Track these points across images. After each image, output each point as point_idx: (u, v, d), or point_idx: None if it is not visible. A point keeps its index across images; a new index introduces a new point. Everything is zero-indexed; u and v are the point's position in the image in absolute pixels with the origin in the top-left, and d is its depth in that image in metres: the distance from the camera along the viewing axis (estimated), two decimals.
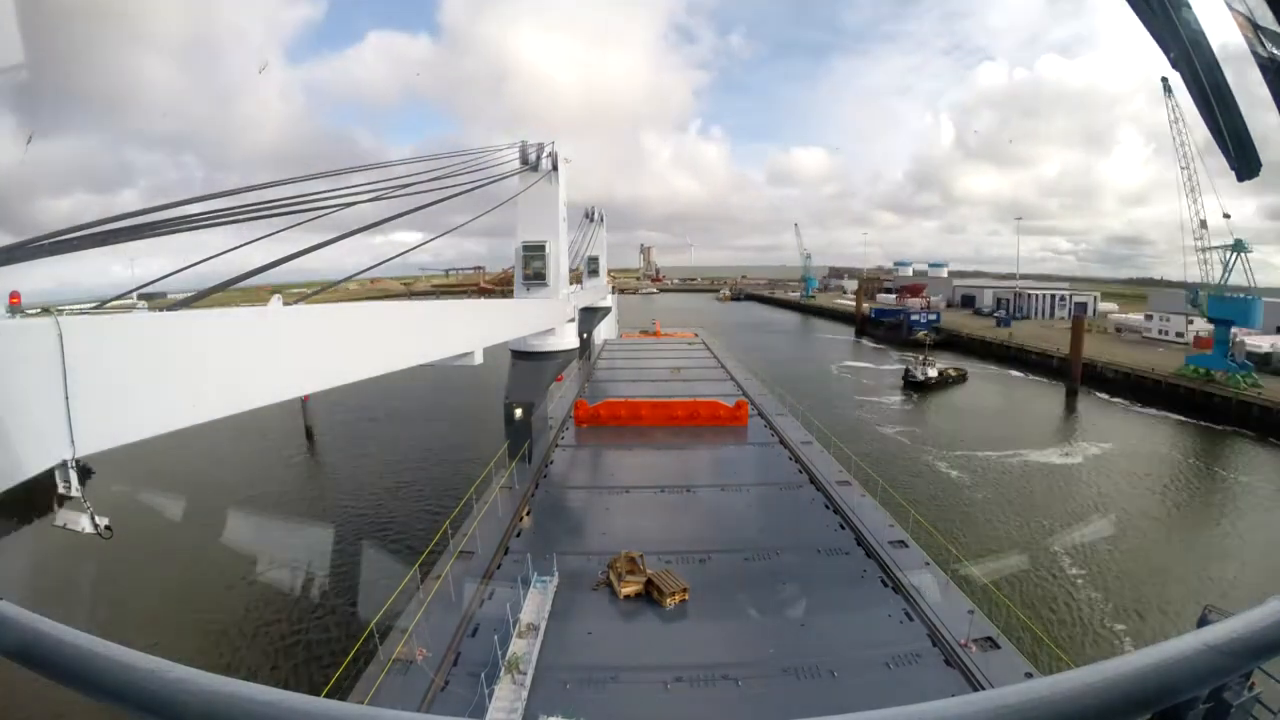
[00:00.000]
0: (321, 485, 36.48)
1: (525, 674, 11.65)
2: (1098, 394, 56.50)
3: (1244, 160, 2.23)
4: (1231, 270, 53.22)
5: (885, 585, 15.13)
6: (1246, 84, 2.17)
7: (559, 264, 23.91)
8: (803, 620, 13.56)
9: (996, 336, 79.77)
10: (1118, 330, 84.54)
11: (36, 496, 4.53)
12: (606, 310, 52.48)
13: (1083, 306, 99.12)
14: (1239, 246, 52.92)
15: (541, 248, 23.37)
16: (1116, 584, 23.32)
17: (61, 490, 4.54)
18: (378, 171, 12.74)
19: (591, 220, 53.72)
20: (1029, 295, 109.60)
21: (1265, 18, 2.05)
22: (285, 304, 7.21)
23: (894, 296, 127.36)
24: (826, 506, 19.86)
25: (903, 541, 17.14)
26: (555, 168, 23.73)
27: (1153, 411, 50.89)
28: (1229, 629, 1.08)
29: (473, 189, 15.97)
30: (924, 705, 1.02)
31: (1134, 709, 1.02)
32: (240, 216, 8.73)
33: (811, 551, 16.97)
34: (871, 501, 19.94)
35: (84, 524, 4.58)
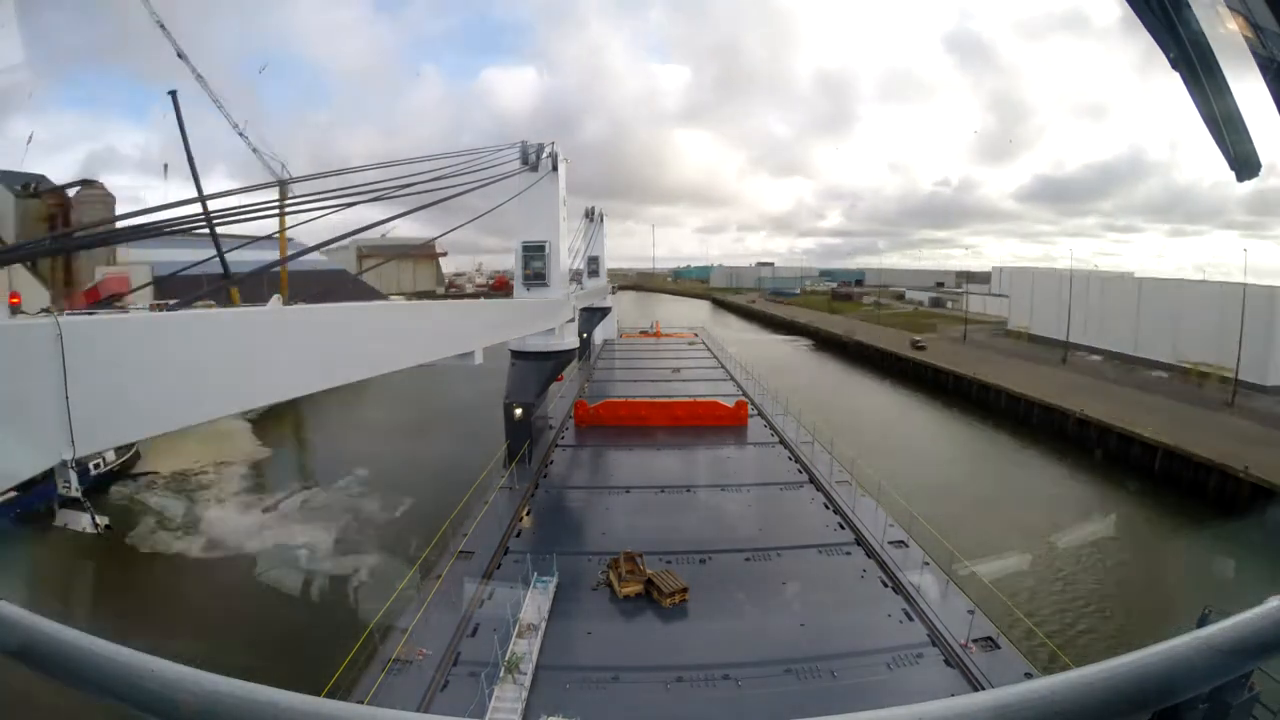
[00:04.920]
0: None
1: (525, 674, 11.64)
2: None
3: (1243, 160, 2.23)
4: None
5: (885, 585, 15.10)
6: (1246, 84, 2.17)
7: (559, 264, 23.91)
8: (803, 620, 13.54)
9: None
10: None
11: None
12: (606, 310, 52.54)
13: None
14: None
15: (542, 248, 23.37)
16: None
17: (61, 490, 4.55)
18: (377, 171, 12.77)
19: (591, 220, 53.77)
20: None
21: (1265, 18, 2.05)
22: (285, 304, 7.22)
23: None
24: (826, 506, 19.83)
25: (903, 541, 17.11)
26: (555, 168, 23.72)
27: None
28: (1229, 629, 1.08)
29: (474, 189, 15.98)
30: (924, 705, 1.02)
31: (1134, 709, 1.02)
32: (239, 217, 8.75)
33: (811, 551, 16.95)
34: (871, 501, 19.91)
35: (84, 523, 4.59)
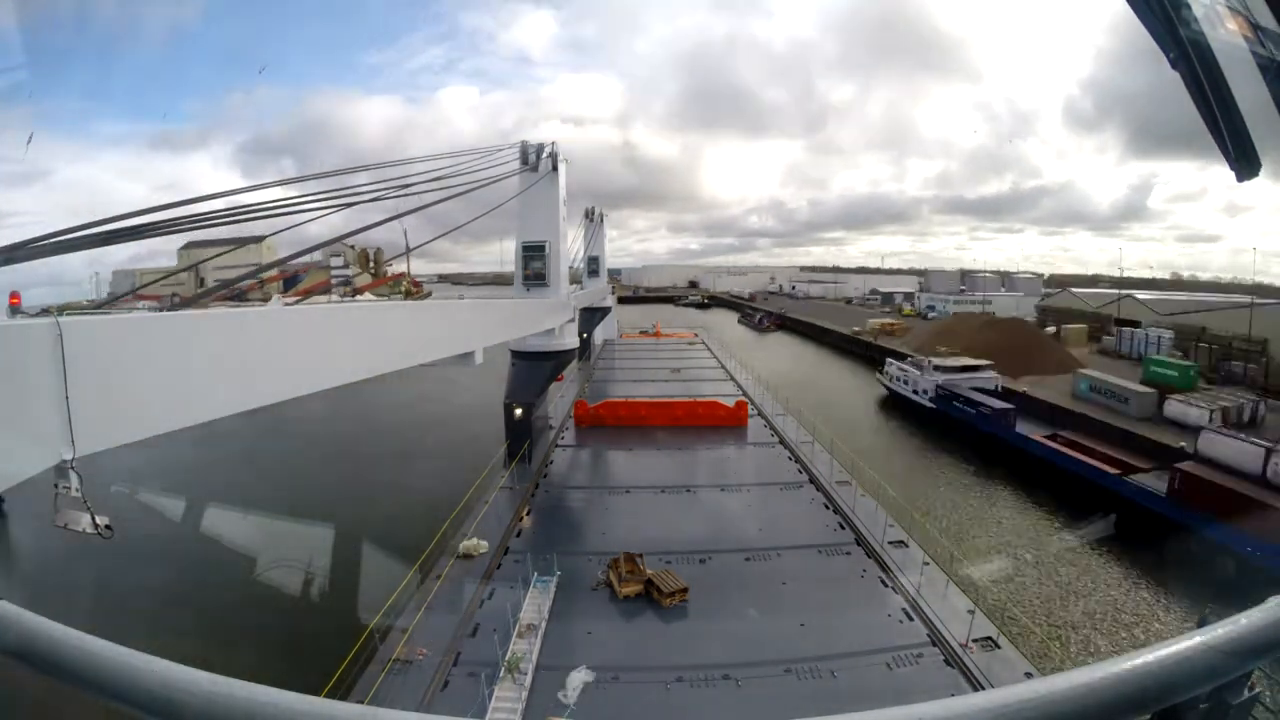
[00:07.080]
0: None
1: (525, 674, 11.65)
2: None
3: (1244, 161, 2.23)
4: None
5: (885, 585, 15.10)
6: (1246, 84, 2.17)
7: (559, 264, 23.92)
8: (803, 620, 13.53)
9: None
10: None
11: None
12: (606, 310, 52.53)
13: None
14: None
15: (541, 248, 23.37)
16: None
17: (61, 490, 4.54)
18: (376, 171, 12.78)
19: (591, 220, 53.78)
20: None
21: (1265, 18, 2.05)
22: (285, 304, 7.22)
23: None
24: (826, 506, 19.83)
25: (903, 541, 17.11)
26: (555, 168, 23.73)
27: None
28: (1229, 629, 1.08)
29: (475, 189, 15.99)
30: (924, 705, 1.02)
31: (1134, 709, 1.02)
32: (240, 218, 8.74)
33: (811, 551, 16.95)
34: (871, 501, 19.91)
35: (84, 523, 4.58)
